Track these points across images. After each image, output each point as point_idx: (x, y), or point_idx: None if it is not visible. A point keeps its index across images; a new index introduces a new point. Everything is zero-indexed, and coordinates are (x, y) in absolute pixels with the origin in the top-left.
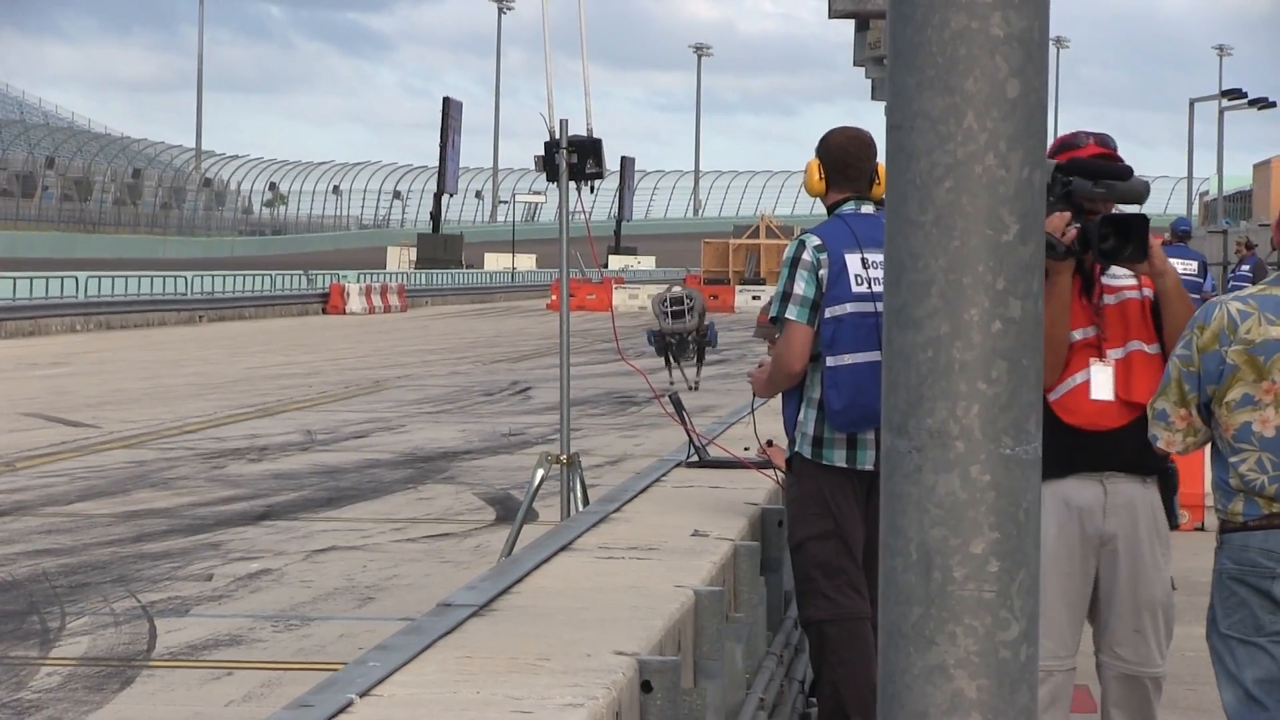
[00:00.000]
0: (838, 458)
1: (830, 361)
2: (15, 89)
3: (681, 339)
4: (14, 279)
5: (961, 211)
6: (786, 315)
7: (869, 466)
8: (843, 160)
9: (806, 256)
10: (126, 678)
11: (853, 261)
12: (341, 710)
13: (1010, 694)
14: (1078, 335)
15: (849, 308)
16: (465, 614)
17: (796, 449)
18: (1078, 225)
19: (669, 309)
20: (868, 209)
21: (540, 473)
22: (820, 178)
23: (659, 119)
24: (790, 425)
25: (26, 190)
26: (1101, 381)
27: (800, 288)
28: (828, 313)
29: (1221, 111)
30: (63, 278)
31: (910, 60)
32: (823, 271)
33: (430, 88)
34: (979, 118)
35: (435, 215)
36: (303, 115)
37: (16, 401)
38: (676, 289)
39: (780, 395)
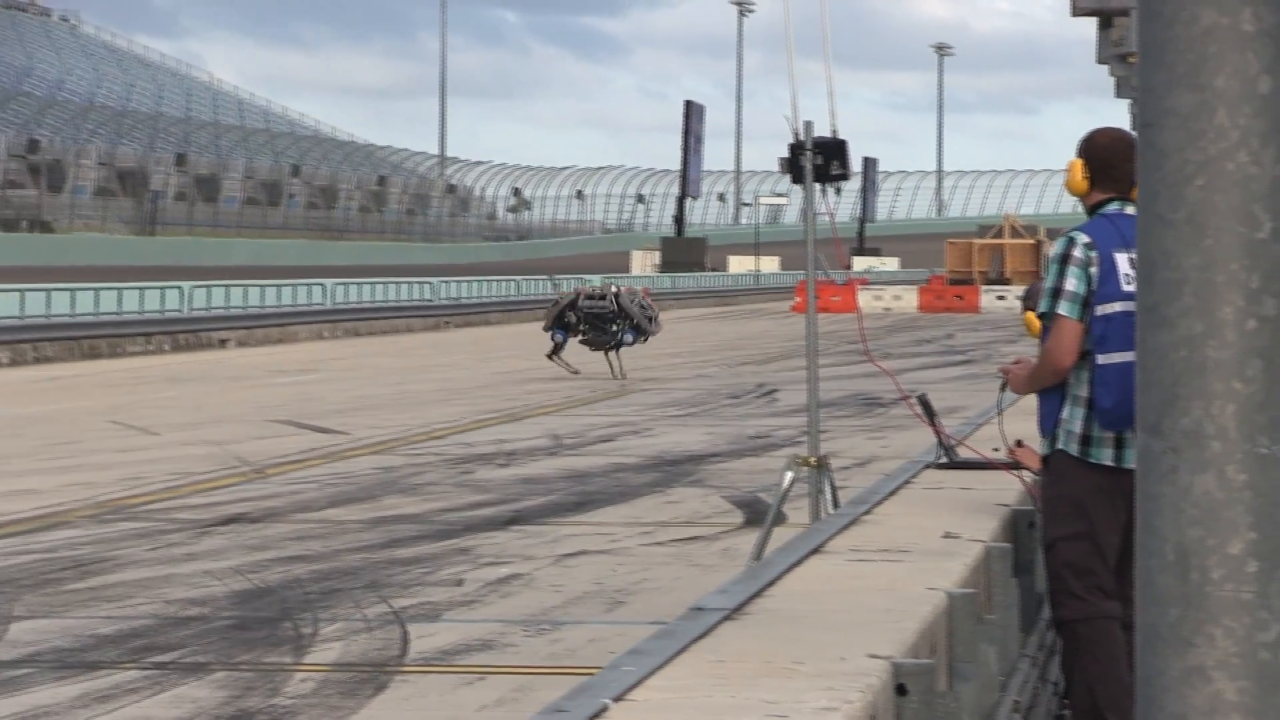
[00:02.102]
0: (1106, 456)
1: (1100, 360)
2: (260, 98)
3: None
4: (262, 286)
5: (1214, 209)
6: (1057, 311)
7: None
8: (1108, 160)
9: (1077, 253)
10: (379, 683)
11: (1122, 260)
12: (597, 715)
13: (1271, 696)
14: None
15: (1118, 306)
16: (717, 617)
17: (1060, 447)
18: None
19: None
20: (1131, 210)
21: (790, 475)
22: (1084, 177)
23: (895, 119)
24: (1049, 423)
25: (273, 198)
26: None
27: (1071, 284)
28: (1098, 311)
29: None
30: (310, 285)
31: (1159, 57)
32: (1093, 269)
33: (667, 91)
34: (1230, 115)
35: (679, 219)
36: (540, 120)
37: (266, 408)
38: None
39: (1035, 395)
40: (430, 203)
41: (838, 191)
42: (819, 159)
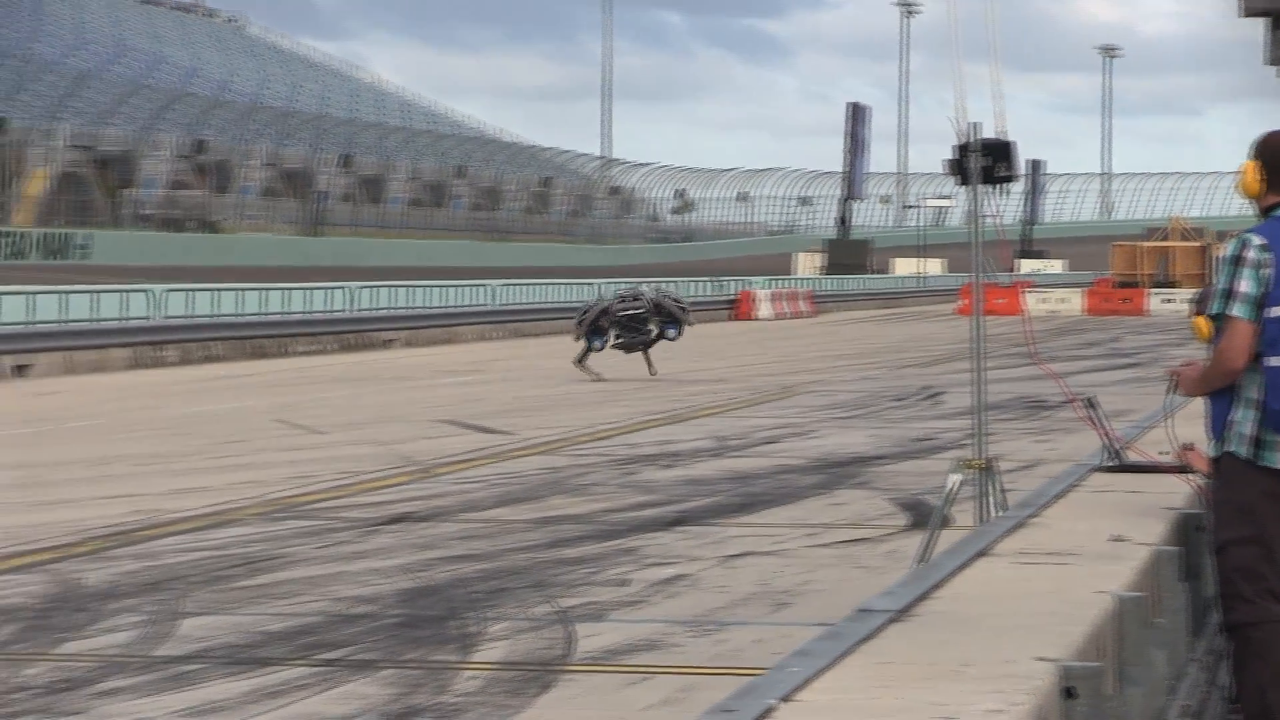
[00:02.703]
0: (1277, 460)
1: (1272, 362)
2: (425, 99)
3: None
4: (427, 287)
5: None
6: (1230, 312)
7: None
8: None
9: (1251, 255)
10: (545, 682)
11: None
12: (763, 716)
13: None
14: None
15: None
16: (884, 619)
17: (1230, 449)
18: None
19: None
20: None
21: (956, 478)
22: (1258, 179)
23: (1060, 121)
24: (1219, 426)
25: (438, 199)
26: None
27: (1244, 285)
28: (1270, 313)
29: None
30: (474, 286)
31: None
32: (1266, 271)
33: (830, 93)
34: None
35: (843, 220)
36: (703, 122)
37: (431, 408)
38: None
39: (1204, 397)
40: (594, 204)
41: (1004, 193)
42: (985, 161)
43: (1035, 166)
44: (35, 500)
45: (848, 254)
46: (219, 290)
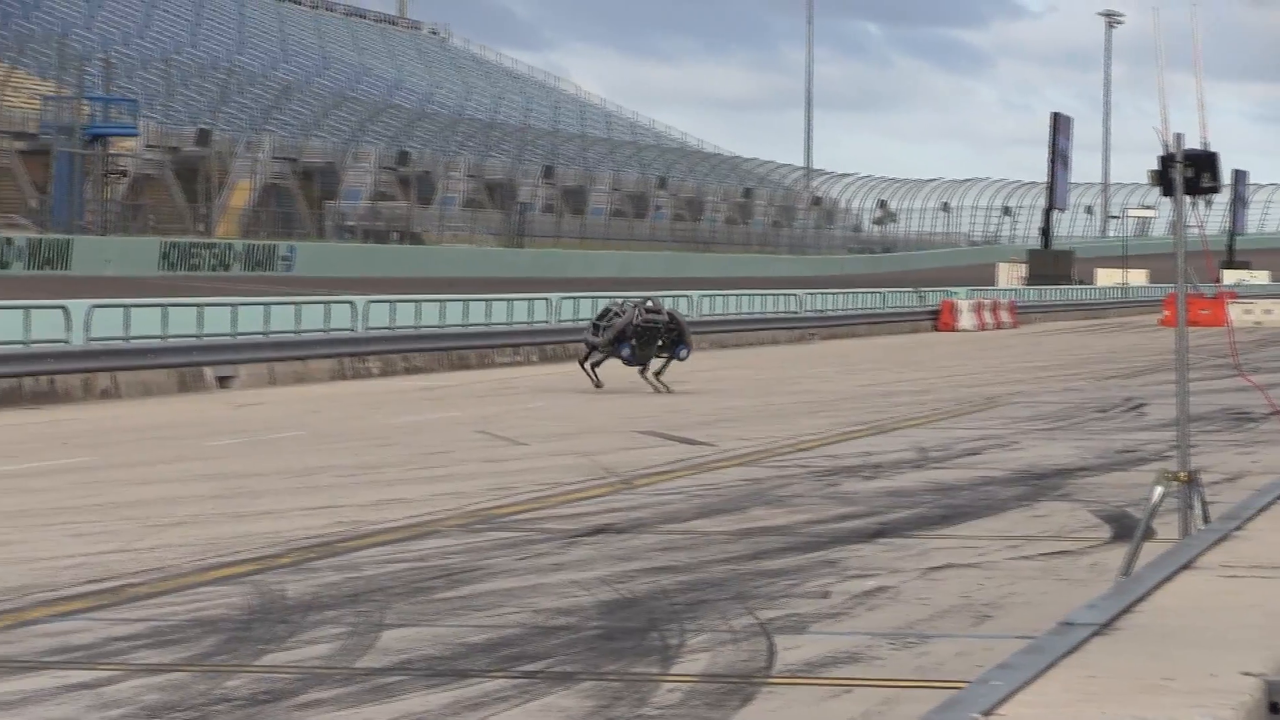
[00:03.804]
0: None
1: None
2: (626, 110)
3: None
4: (627, 298)
5: None
6: None
7: None
8: None
9: None
10: (746, 694)
11: None
12: None
13: None
14: None
15: None
16: (1087, 633)
17: None
18: None
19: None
20: None
21: (1159, 490)
22: None
23: (1265, 132)
24: None
25: (639, 210)
26: None
27: None
28: None
29: None
30: (675, 296)
31: None
32: None
33: (1030, 103)
34: None
35: (1045, 231)
36: (903, 132)
37: (634, 419)
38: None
39: None
40: (795, 214)
41: (1207, 204)
42: (1189, 171)
43: (1238, 177)
44: (238, 511)
45: (1050, 264)
46: (421, 301)
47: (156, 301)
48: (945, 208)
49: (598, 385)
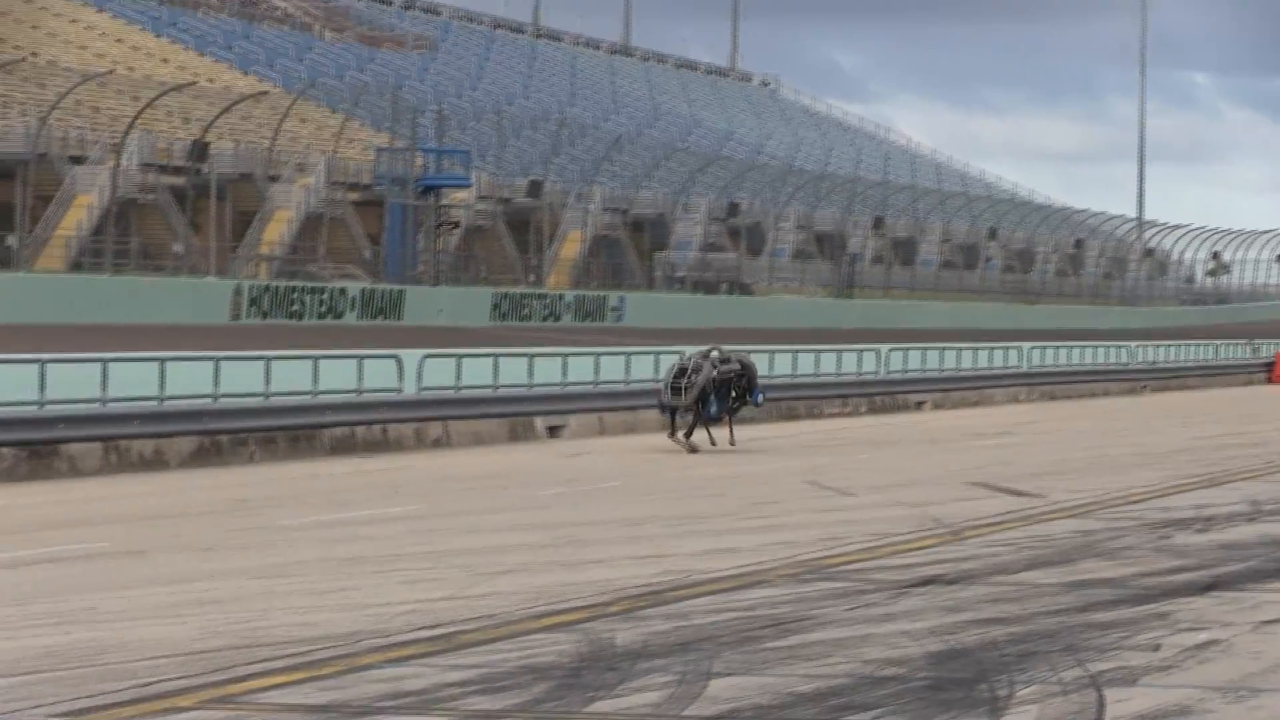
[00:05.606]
0: None
1: None
2: (956, 161)
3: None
4: (958, 349)
5: None
6: None
7: None
8: None
9: None
10: None
11: None
12: None
13: None
14: None
15: None
16: None
17: None
18: None
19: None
20: None
21: None
22: None
23: None
24: None
25: (969, 262)
26: None
27: None
28: None
29: None
30: (1005, 348)
31: None
32: None
33: None
34: None
35: None
36: (1233, 183)
37: (964, 471)
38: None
39: None
40: (1127, 266)
41: None
42: None
43: None
44: (569, 559)
45: None
46: (750, 352)
47: (488, 351)
48: None
49: (692, 451)
